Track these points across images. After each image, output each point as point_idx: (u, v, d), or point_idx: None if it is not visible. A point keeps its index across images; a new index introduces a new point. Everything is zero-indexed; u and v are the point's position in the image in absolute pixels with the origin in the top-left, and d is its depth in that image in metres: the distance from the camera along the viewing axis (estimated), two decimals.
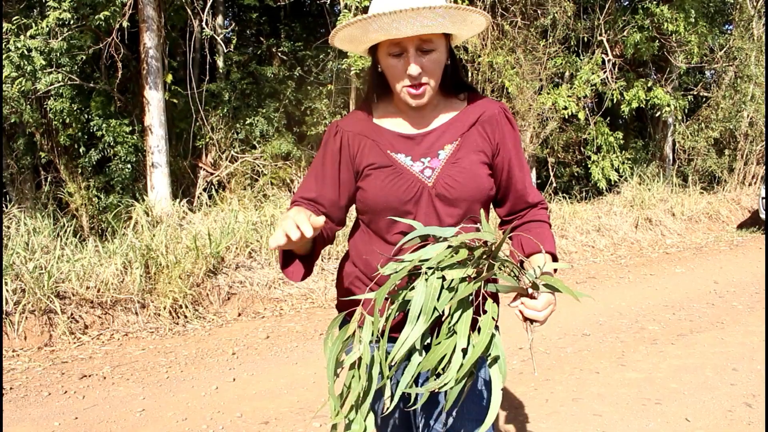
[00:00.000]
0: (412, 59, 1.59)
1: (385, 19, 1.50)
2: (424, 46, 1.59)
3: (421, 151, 1.71)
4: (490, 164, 1.73)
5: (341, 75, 9.39)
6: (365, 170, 1.72)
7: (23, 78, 7.52)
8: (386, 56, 1.63)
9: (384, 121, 1.76)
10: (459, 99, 1.79)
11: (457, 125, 1.74)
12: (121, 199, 8.38)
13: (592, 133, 10.52)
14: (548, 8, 9.47)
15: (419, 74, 1.60)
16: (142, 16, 7.96)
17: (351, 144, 1.74)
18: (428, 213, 1.68)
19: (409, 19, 1.50)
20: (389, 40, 1.60)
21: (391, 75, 1.66)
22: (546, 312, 1.47)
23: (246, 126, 9.18)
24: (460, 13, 1.56)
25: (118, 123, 8.42)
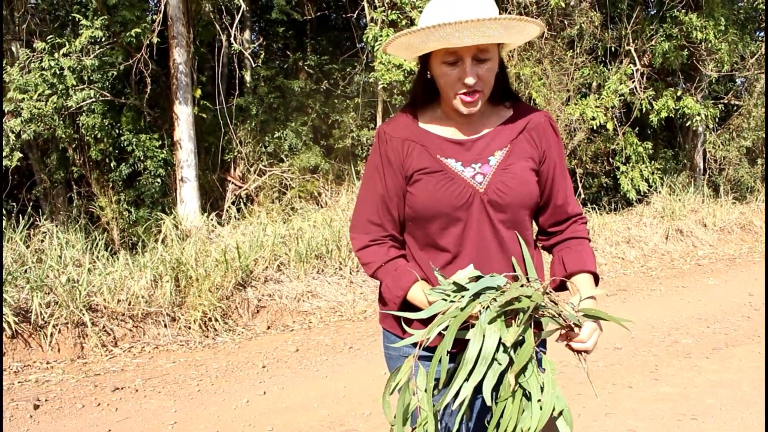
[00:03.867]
0: (469, 68, 1.61)
1: (449, 29, 1.53)
2: (480, 56, 1.61)
3: (472, 156, 1.72)
4: (537, 171, 1.75)
5: (368, 88, 9.43)
6: (415, 175, 1.72)
7: (56, 95, 7.68)
8: (441, 64, 1.65)
9: (431, 126, 1.77)
10: (505, 107, 1.81)
11: (505, 132, 1.75)
12: (151, 213, 8.49)
13: (620, 143, 10.41)
14: (575, 19, 9.42)
15: (475, 83, 1.62)
16: (172, 33, 8.09)
17: (399, 150, 1.74)
18: (480, 219, 1.69)
19: (472, 29, 1.53)
20: (446, 49, 1.62)
21: (444, 82, 1.67)
22: (593, 340, 1.53)
23: (274, 140, 9.26)
24: (520, 24, 1.59)
25: (148, 138, 8.55)
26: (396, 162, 1.74)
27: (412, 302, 1.67)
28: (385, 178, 1.75)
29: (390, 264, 1.74)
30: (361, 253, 1.80)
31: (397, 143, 1.74)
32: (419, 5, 7.99)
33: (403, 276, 1.70)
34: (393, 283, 1.71)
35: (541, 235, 1.86)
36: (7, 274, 5.39)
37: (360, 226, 1.80)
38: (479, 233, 1.69)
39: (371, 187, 1.79)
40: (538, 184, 1.75)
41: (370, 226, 1.78)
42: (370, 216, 1.78)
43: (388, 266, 1.74)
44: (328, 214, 7.70)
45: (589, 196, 11.11)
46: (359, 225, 1.80)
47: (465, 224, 1.69)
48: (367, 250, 1.78)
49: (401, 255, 1.78)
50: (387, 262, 1.75)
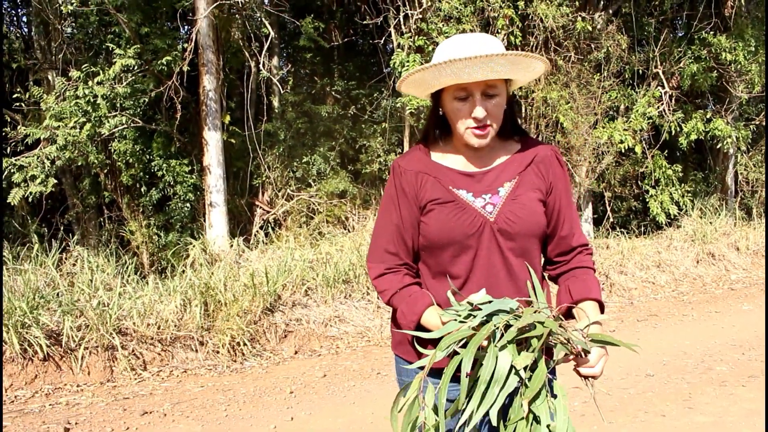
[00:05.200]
0: (479, 103, 1.71)
1: (459, 64, 1.63)
2: (489, 91, 1.72)
3: (482, 188, 1.81)
4: (544, 202, 1.84)
5: (395, 113, 9.49)
6: (428, 205, 1.81)
7: (90, 123, 7.84)
8: (452, 100, 1.75)
9: (443, 160, 1.87)
10: (514, 141, 1.91)
11: (514, 165, 1.85)
12: (180, 237, 8.59)
13: (649, 166, 10.31)
14: (602, 42, 9.40)
15: (485, 117, 1.72)
16: (202, 60, 8.24)
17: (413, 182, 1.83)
18: (490, 247, 1.77)
19: (481, 65, 1.63)
20: (456, 85, 1.72)
21: (455, 117, 1.76)
22: (600, 366, 1.59)
23: (302, 165, 9.35)
24: (526, 60, 1.69)
25: (178, 163, 8.68)
26: (410, 193, 1.82)
27: (426, 326, 1.73)
28: (400, 209, 1.84)
29: (404, 290, 1.81)
30: (377, 281, 1.87)
31: (411, 176, 1.83)
32: (445, 31, 8.05)
33: (418, 300, 1.76)
34: (407, 308, 1.77)
35: (548, 265, 1.94)
36: (40, 297, 5.49)
37: (376, 255, 1.88)
38: (489, 260, 1.77)
39: (387, 218, 1.87)
40: (545, 215, 1.83)
41: (386, 255, 1.86)
42: (386, 245, 1.86)
43: (403, 293, 1.81)
44: (355, 239, 7.73)
45: (618, 219, 11.00)
46: (375, 254, 1.88)
47: (476, 252, 1.77)
48: (382, 278, 1.86)
49: (416, 282, 1.84)
50: (401, 288, 1.81)
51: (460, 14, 8.15)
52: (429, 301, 1.75)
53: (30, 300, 5.25)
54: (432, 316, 1.71)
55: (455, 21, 8.20)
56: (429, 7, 8.26)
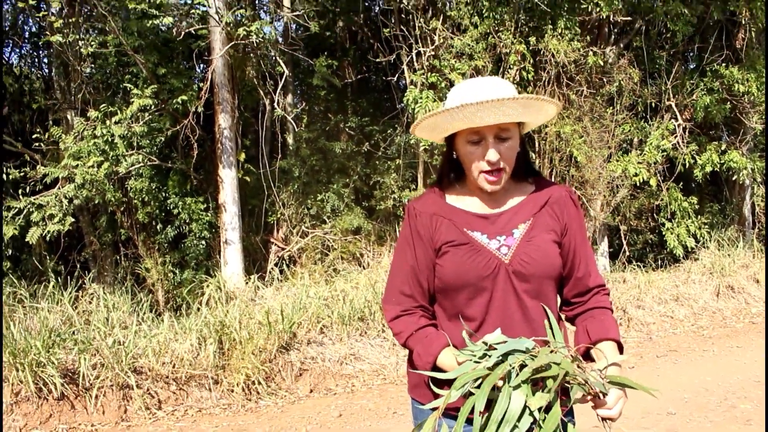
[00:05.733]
0: (492, 146, 1.74)
1: (471, 108, 1.66)
2: (502, 134, 1.75)
3: (496, 229, 1.82)
4: (559, 243, 1.84)
5: (409, 150, 9.55)
6: (443, 247, 1.82)
7: (108, 162, 7.95)
8: (465, 144, 1.78)
9: (457, 202, 1.89)
10: (527, 182, 1.92)
11: (528, 206, 1.86)
12: (195, 275, 8.62)
13: (665, 199, 10.26)
14: (614, 76, 9.45)
15: (498, 160, 1.74)
16: (217, 99, 8.36)
17: (428, 224, 1.84)
18: (505, 289, 1.77)
19: (493, 109, 1.66)
20: (469, 129, 1.75)
21: (469, 161, 1.79)
22: (618, 407, 1.59)
23: (317, 202, 9.40)
24: (538, 103, 1.73)
25: (194, 201, 8.75)
26: (425, 235, 1.83)
27: (442, 367, 1.72)
28: (416, 251, 1.85)
29: (420, 332, 1.81)
30: (393, 323, 1.88)
31: (426, 218, 1.85)
32: (458, 67, 8.13)
33: (434, 341, 1.76)
34: (423, 349, 1.77)
35: (565, 306, 1.93)
36: (56, 335, 5.51)
37: (392, 297, 1.89)
38: (504, 302, 1.77)
39: (402, 260, 1.89)
40: (561, 256, 1.84)
41: (401, 297, 1.86)
42: (401, 287, 1.87)
43: (419, 334, 1.81)
44: (370, 276, 7.71)
45: (634, 253, 10.90)
46: (391, 296, 1.89)
47: (491, 294, 1.77)
48: (398, 320, 1.86)
49: (431, 324, 1.85)
50: (417, 330, 1.82)
51: (472, 51, 8.24)
52: (445, 341, 1.75)
53: (46, 339, 5.27)
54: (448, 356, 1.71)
55: (467, 57, 8.29)
56: (441, 44, 8.36)
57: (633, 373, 5.91)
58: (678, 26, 9.45)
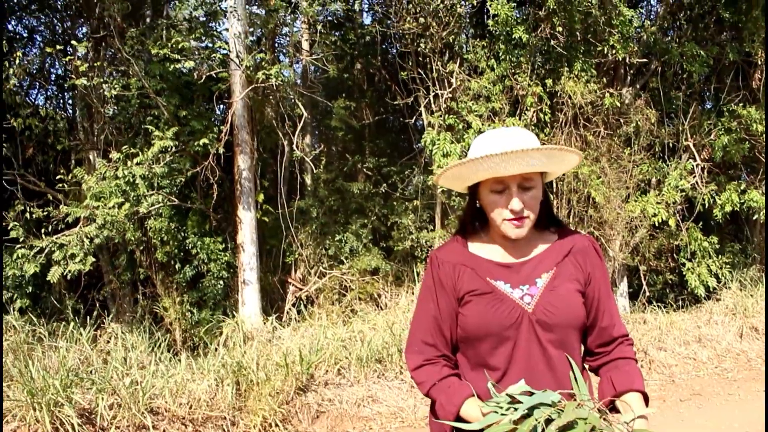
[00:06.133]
0: (515, 195, 1.76)
1: (496, 159, 1.68)
2: (525, 184, 1.77)
3: (520, 279, 1.83)
4: (583, 293, 1.84)
5: (426, 190, 9.59)
6: (466, 297, 1.83)
7: (129, 203, 8.05)
8: (489, 193, 1.80)
9: (480, 251, 1.90)
10: (550, 232, 1.94)
11: (551, 255, 1.87)
12: (213, 315, 8.63)
13: (684, 239, 10.17)
14: (631, 116, 9.47)
15: (521, 209, 1.76)
16: (237, 140, 8.47)
17: (451, 273, 1.85)
18: (529, 338, 1.77)
19: (517, 159, 1.68)
20: (493, 178, 1.78)
21: (493, 209, 1.81)
22: None
23: (335, 242, 9.44)
24: (560, 154, 1.76)
25: (212, 241, 8.81)
26: (448, 285, 1.84)
27: (466, 418, 1.71)
28: (438, 301, 1.85)
29: (443, 382, 1.81)
30: (415, 373, 1.87)
31: (449, 267, 1.86)
32: (475, 109, 8.19)
33: (457, 392, 1.76)
34: (447, 399, 1.76)
35: (588, 356, 1.93)
36: (74, 375, 5.52)
37: (414, 347, 1.89)
38: (528, 352, 1.77)
39: (425, 309, 1.89)
40: (584, 306, 1.84)
41: (424, 347, 1.87)
42: (423, 337, 1.87)
43: (442, 384, 1.81)
44: (388, 317, 7.69)
45: (655, 293, 10.78)
46: (414, 345, 1.89)
47: (514, 343, 1.77)
48: (421, 369, 1.86)
49: (455, 374, 1.84)
50: (440, 380, 1.81)
51: (489, 93, 8.31)
52: (469, 392, 1.75)
53: (64, 378, 5.28)
54: (472, 407, 1.70)
55: (484, 99, 8.36)
56: (458, 86, 8.45)
57: (656, 418, 5.79)
58: (694, 67, 9.50)
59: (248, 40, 8.39)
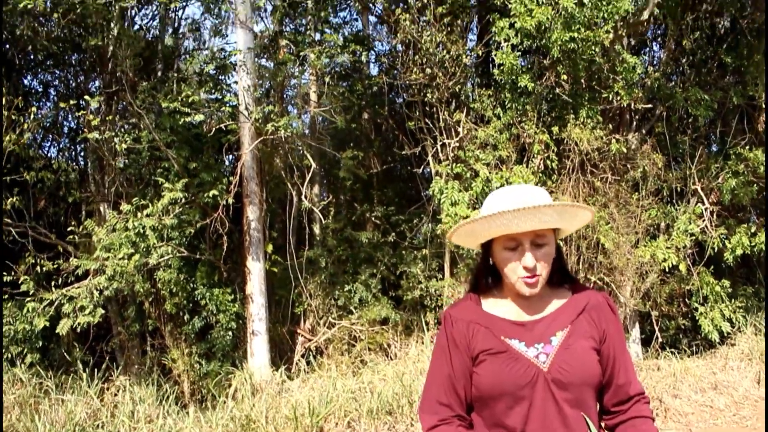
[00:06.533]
0: (528, 252, 1.76)
1: (508, 216, 1.70)
2: (538, 240, 1.78)
3: (534, 337, 1.82)
4: (598, 350, 1.83)
5: (435, 239, 9.60)
6: (480, 356, 1.82)
7: (138, 254, 8.09)
8: (502, 250, 1.81)
9: (494, 309, 1.89)
10: (564, 288, 1.93)
11: (566, 313, 1.86)
12: (221, 366, 8.58)
13: (696, 283, 10.08)
14: (637, 162, 9.50)
15: (534, 266, 1.76)
16: (246, 192, 8.54)
17: (465, 332, 1.85)
18: (545, 397, 1.76)
19: (530, 216, 1.70)
20: (506, 235, 1.78)
21: (506, 266, 1.81)
22: None
23: (344, 293, 9.42)
24: (573, 210, 1.77)
25: (221, 292, 8.81)
26: (462, 344, 1.84)
27: None
28: (452, 360, 1.85)
29: None
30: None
31: (463, 326, 1.86)
32: (482, 158, 8.25)
33: None
34: None
35: (605, 415, 1.91)
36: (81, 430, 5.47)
37: (429, 407, 1.86)
38: (544, 411, 1.75)
39: (439, 369, 1.88)
40: (600, 364, 1.83)
41: (438, 407, 1.85)
42: (438, 396, 1.85)
43: None
44: (398, 367, 7.61)
45: (667, 339, 10.65)
46: (428, 405, 1.87)
47: (530, 403, 1.75)
48: (435, 430, 1.84)
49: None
50: None
51: (496, 141, 8.38)
52: None
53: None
54: None
55: (491, 148, 8.42)
56: (465, 135, 8.53)
57: None
58: (699, 111, 9.57)
59: (257, 92, 8.53)
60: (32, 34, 9.58)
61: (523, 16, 7.89)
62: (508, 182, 8.01)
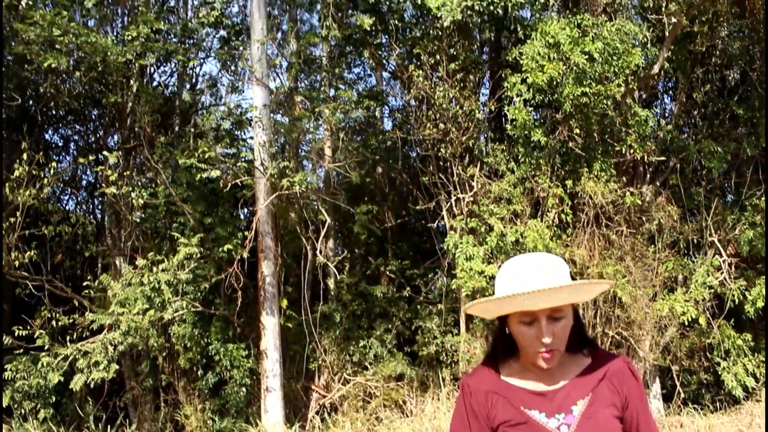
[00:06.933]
0: (545, 328, 1.72)
1: (523, 297, 1.67)
2: (555, 315, 1.73)
3: (554, 407, 1.77)
4: (621, 418, 1.78)
5: (450, 294, 9.55)
6: (500, 428, 1.78)
7: (153, 309, 8.10)
8: (518, 324, 1.77)
9: (512, 379, 1.85)
10: (583, 354, 1.88)
11: (586, 381, 1.81)
12: (235, 423, 8.48)
13: (716, 337, 9.91)
14: (652, 214, 9.47)
15: (552, 341, 1.72)
16: (261, 246, 8.57)
17: (483, 402, 1.81)
18: None
19: (545, 296, 1.66)
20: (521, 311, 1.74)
21: (522, 340, 1.78)
22: None
23: (359, 348, 9.35)
24: (590, 287, 1.75)
25: (235, 347, 8.76)
26: (481, 414, 1.80)
27: None
28: (471, 430, 1.80)
29: None
30: None
31: (481, 396, 1.82)
32: (496, 212, 8.25)
33: None
34: None
35: None
36: None
37: None
38: None
39: None
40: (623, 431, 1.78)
41: None
42: None
43: None
44: (414, 425, 7.49)
45: (689, 394, 10.40)
46: None
47: None
48: None
49: None
50: None
51: (510, 195, 8.40)
52: None
53: None
54: None
55: (506, 202, 8.43)
56: (479, 189, 8.56)
57: None
58: (712, 163, 9.57)
59: (273, 148, 8.64)
60: (55, 91, 9.82)
61: (534, 72, 7.99)
62: (523, 236, 7.99)
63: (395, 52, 9.18)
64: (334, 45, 9.42)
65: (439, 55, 8.79)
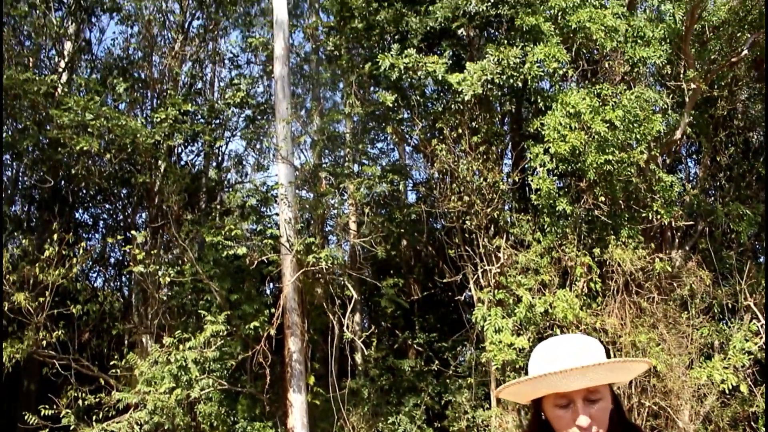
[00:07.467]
0: (581, 410, 1.63)
1: (555, 377, 1.60)
2: (591, 396, 1.64)
3: None
4: None
5: (480, 367, 9.36)
6: None
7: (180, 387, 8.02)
8: (553, 407, 1.68)
9: None
10: None
11: None
12: None
13: (760, 405, 9.52)
14: (684, 279, 9.28)
15: (589, 425, 1.62)
16: (287, 323, 8.53)
17: None
18: None
19: (579, 376, 1.59)
20: (556, 393, 1.66)
21: (558, 425, 1.68)
22: None
23: (388, 425, 9.13)
24: (626, 365, 1.67)
25: (263, 425, 8.62)
26: None
27: None
28: None
29: None
30: None
31: None
32: (524, 283, 8.15)
33: None
34: None
35: None
36: None
37: None
38: None
39: None
40: None
41: None
42: None
43: None
44: None
45: None
46: None
47: None
48: None
49: None
50: None
51: (538, 265, 8.31)
52: None
53: None
54: None
55: (533, 272, 8.34)
56: (506, 261, 8.48)
57: None
58: (741, 227, 9.42)
59: (298, 224, 8.70)
60: (86, 172, 10.07)
61: (556, 142, 8.02)
62: (552, 307, 7.86)
63: (417, 126, 9.29)
64: (357, 121, 9.61)
65: (461, 129, 8.87)
